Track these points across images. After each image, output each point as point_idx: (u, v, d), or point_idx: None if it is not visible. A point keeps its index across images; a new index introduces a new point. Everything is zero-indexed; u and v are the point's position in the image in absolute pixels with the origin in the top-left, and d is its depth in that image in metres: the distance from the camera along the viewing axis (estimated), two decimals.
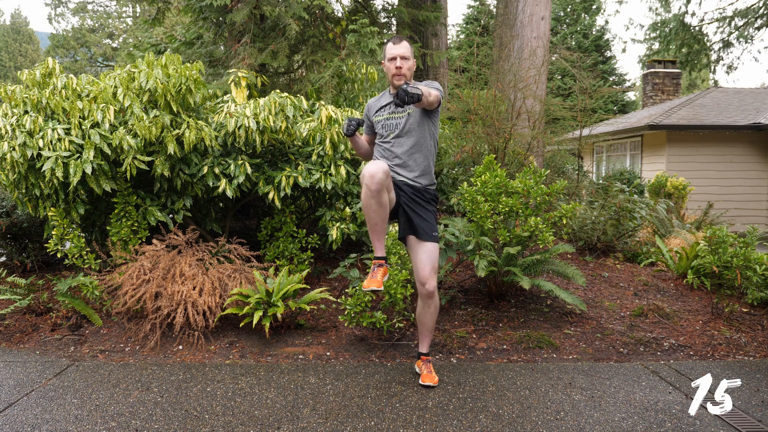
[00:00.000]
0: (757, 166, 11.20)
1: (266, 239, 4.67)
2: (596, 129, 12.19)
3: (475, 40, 6.98)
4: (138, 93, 4.04)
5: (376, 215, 2.76)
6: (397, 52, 2.94)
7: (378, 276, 2.84)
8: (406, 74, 2.97)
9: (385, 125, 3.02)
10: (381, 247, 2.91)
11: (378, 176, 2.64)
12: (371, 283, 2.81)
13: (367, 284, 2.82)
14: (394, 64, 2.94)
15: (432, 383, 3.05)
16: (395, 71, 2.95)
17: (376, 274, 2.85)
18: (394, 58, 2.95)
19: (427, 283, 2.93)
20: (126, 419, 2.66)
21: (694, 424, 2.65)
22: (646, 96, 15.46)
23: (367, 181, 2.66)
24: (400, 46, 2.95)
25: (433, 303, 3.01)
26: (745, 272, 4.10)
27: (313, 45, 6.43)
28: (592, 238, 5.67)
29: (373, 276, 2.85)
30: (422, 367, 3.15)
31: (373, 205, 2.72)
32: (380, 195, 2.69)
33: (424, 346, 3.18)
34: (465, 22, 24.55)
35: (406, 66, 2.95)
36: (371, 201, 2.71)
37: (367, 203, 2.73)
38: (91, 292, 3.95)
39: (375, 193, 2.67)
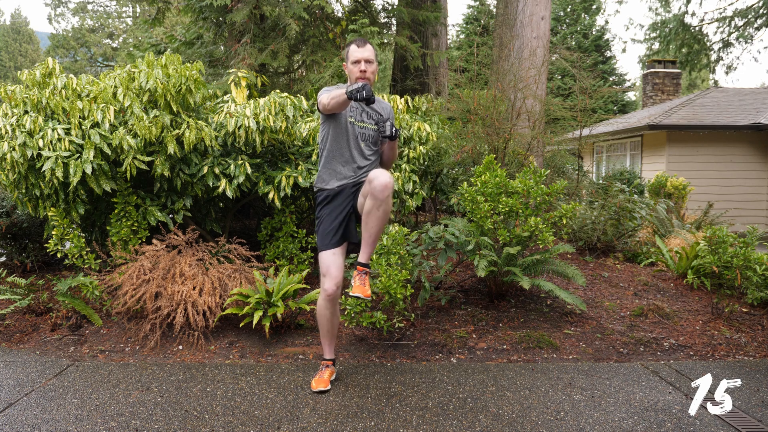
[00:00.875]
0: (757, 166, 11.20)
1: (266, 239, 4.67)
2: (596, 129, 12.19)
3: (475, 40, 6.98)
4: (138, 93, 4.04)
5: (329, 324, 3.03)
6: (362, 56, 2.92)
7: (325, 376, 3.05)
8: (370, 78, 2.97)
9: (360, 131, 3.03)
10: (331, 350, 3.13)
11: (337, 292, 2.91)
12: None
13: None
14: (359, 68, 2.93)
15: (364, 296, 2.78)
16: (359, 75, 2.93)
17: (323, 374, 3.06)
18: (358, 61, 2.93)
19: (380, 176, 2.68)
20: (126, 419, 2.67)
21: (694, 424, 2.65)
22: (646, 96, 15.46)
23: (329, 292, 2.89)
24: (365, 50, 2.93)
25: (384, 205, 2.72)
26: (745, 272, 4.10)
27: (313, 45, 6.43)
28: (592, 238, 5.67)
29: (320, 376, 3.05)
30: (356, 277, 2.84)
31: (327, 315, 2.99)
32: (335, 306, 2.96)
33: (365, 255, 2.86)
34: (465, 22, 24.56)
35: (370, 69, 2.95)
36: (326, 312, 2.97)
37: (322, 313, 3.00)
38: (91, 292, 3.95)
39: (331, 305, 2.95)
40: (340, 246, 2.97)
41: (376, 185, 2.69)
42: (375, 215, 2.76)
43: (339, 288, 2.92)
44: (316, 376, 3.05)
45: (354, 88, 2.61)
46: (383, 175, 2.70)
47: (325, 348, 3.11)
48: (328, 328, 3.03)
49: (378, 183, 2.68)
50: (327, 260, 2.93)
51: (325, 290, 2.89)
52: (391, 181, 2.70)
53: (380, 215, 2.75)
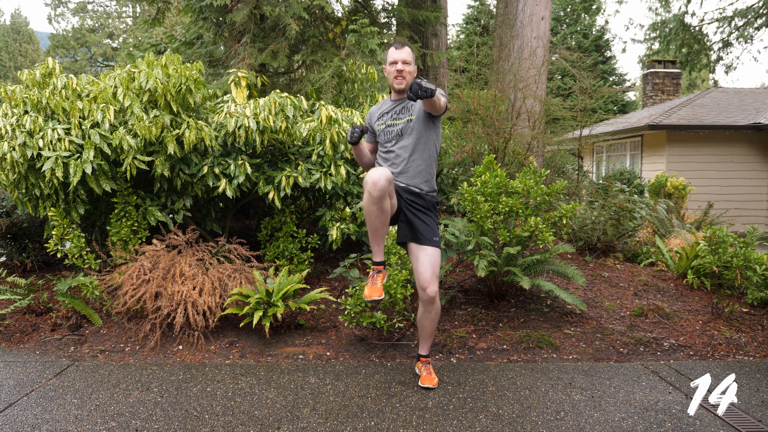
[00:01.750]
0: (757, 166, 11.20)
1: (266, 239, 4.67)
2: (596, 129, 12.19)
3: (475, 40, 6.98)
4: (138, 93, 4.04)
5: (377, 221, 2.79)
6: (399, 57, 2.98)
7: (378, 283, 2.89)
8: (407, 78, 3.00)
9: (387, 131, 3.04)
10: (380, 251, 2.94)
11: (380, 183, 2.66)
12: (373, 292, 2.86)
13: (369, 293, 2.86)
14: (396, 68, 2.98)
15: (431, 385, 3.06)
16: (396, 74, 2.98)
17: (376, 281, 2.89)
18: (395, 62, 2.98)
19: (428, 288, 2.92)
20: (126, 419, 2.66)
21: (694, 424, 2.65)
22: (646, 96, 15.46)
23: (370, 188, 2.68)
24: (403, 51, 2.99)
25: (434, 308, 2.99)
26: (745, 272, 4.10)
27: (313, 45, 6.43)
28: (592, 238, 5.67)
29: (373, 284, 2.88)
30: (422, 368, 3.16)
31: (374, 211, 2.75)
32: (382, 201, 2.72)
33: (425, 348, 3.18)
34: (465, 22, 24.55)
35: (407, 70, 2.99)
36: (373, 207, 2.73)
37: (369, 209, 2.75)
38: (91, 292, 3.95)
39: (377, 199, 2.70)
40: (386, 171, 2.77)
41: (426, 296, 2.93)
42: (428, 318, 3.05)
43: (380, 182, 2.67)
44: (369, 283, 2.91)
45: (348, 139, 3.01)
46: (433, 286, 2.92)
47: (374, 248, 2.93)
48: (377, 226, 2.82)
49: (427, 295, 2.92)
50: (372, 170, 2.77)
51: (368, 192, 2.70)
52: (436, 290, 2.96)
53: (433, 317, 3.05)
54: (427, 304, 2.97)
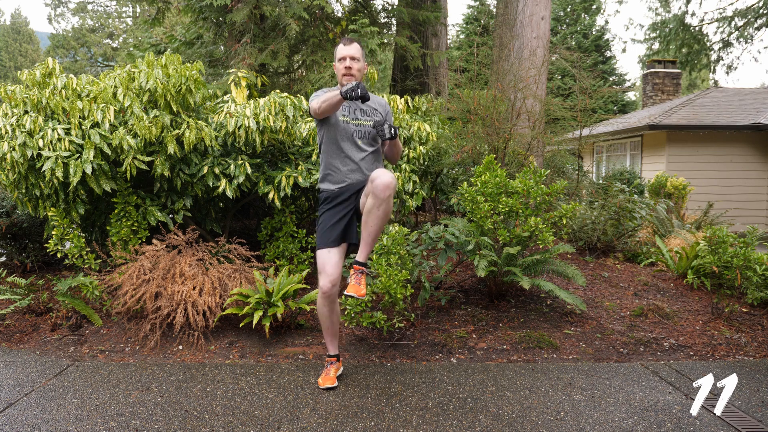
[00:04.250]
0: (757, 166, 11.20)
1: (266, 239, 4.67)
2: (596, 129, 12.19)
3: (475, 40, 6.98)
4: (138, 93, 4.04)
5: (328, 321, 3.06)
6: (347, 53, 2.98)
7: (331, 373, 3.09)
8: (356, 75, 3.00)
9: (351, 127, 3.02)
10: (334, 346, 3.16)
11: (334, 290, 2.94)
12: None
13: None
14: (344, 64, 2.98)
15: (356, 294, 2.81)
16: (345, 71, 2.99)
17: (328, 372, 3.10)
18: (344, 58, 2.98)
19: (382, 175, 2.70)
20: (126, 419, 2.66)
21: (694, 424, 2.65)
22: (646, 96, 15.46)
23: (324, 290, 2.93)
24: (351, 47, 2.99)
25: (385, 205, 2.74)
26: (745, 272, 4.10)
27: (313, 45, 6.43)
28: (592, 238, 5.67)
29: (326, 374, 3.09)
30: (352, 276, 2.87)
31: (326, 312, 3.03)
32: (333, 304, 3.00)
33: (363, 254, 2.88)
34: (465, 22, 24.55)
35: (356, 67, 2.99)
36: (324, 309, 3.02)
37: (321, 311, 3.04)
38: (91, 292, 3.95)
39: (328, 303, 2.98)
40: (338, 245, 2.98)
41: (378, 184, 2.71)
42: (375, 214, 2.77)
43: (336, 286, 2.94)
44: (323, 374, 3.09)
45: (348, 88, 2.64)
46: (385, 175, 2.72)
47: (329, 344, 3.15)
48: (328, 325, 3.08)
49: (380, 182, 2.70)
50: (323, 258, 2.96)
51: (321, 287, 2.93)
52: (393, 181, 2.72)
53: (380, 215, 2.77)
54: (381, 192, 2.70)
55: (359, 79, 3.02)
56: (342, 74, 2.99)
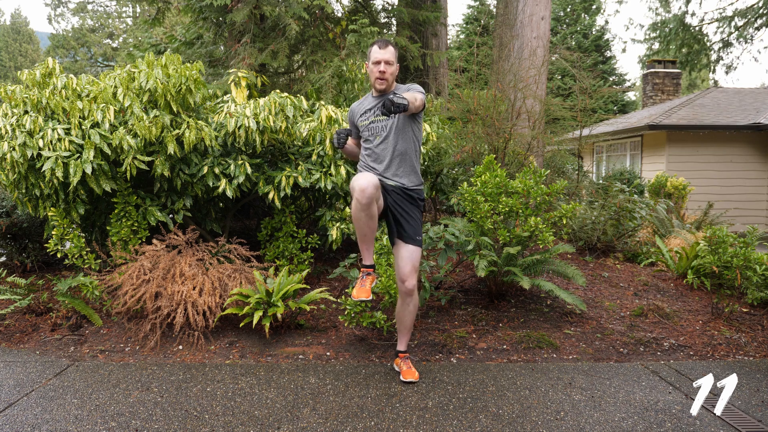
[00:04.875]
0: (757, 166, 11.20)
1: (266, 239, 4.67)
2: (596, 129, 12.19)
3: (475, 40, 6.98)
4: (138, 93, 4.04)
5: (366, 226, 2.88)
6: (382, 57, 2.97)
7: (367, 285, 2.98)
8: (389, 79, 3.01)
9: (371, 129, 3.06)
10: (370, 256, 3.03)
11: (368, 191, 2.74)
12: (360, 293, 2.95)
13: (357, 294, 2.95)
14: (378, 68, 2.98)
15: (414, 379, 3.10)
16: (378, 75, 2.99)
17: (365, 283, 2.99)
18: (378, 62, 2.98)
19: (406, 281, 3.02)
20: (126, 419, 2.66)
21: (694, 424, 2.65)
22: (646, 96, 15.46)
23: (358, 195, 2.75)
24: (386, 51, 2.98)
25: (413, 301, 3.09)
26: (745, 272, 4.10)
27: (313, 45, 6.43)
28: (592, 238, 5.67)
29: (362, 285, 2.98)
30: (401, 364, 3.20)
31: (363, 217, 2.84)
32: (370, 208, 2.80)
33: (402, 344, 3.24)
34: (465, 22, 24.55)
35: (389, 71, 2.99)
36: (361, 214, 2.82)
37: (358, 216, 2.85)
38: (91, 292, 3.95)
39: (365, 206, 2.78)
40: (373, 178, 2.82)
41: (403, 289, 3.04)
42: (407, 310, 3.13)
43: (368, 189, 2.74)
44: (357, 284, 2.99)
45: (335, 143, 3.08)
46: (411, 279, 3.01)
47: (364, 252, 3.02)
48: (365, 232, 2.91)
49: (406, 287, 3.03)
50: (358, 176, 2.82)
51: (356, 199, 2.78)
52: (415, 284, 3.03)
53: (411, 310, 3.13)
54: (406, 296, 3.07)
55: (391, 82, 3.04)
56: (375, 77, 3.00)
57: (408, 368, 3.16)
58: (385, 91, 3.07)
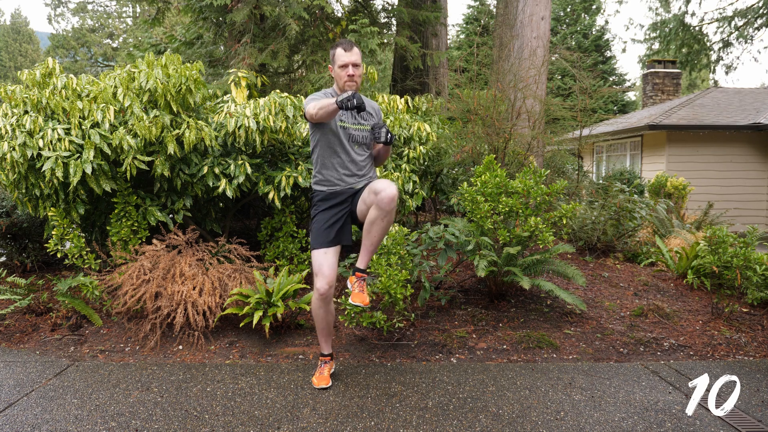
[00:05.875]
0: (757, 166, 11.20)
1: (266, 239, 4.67)
2: (596, 129, 12.19)
3: (475, 40, 6.98)
4: (138, 93, 4.04)
5: (324, 321, 3.05)
6: (350, 60, 2.92)
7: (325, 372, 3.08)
8: (357, 81, 2.98)
9: (352, 135, 3.02)
10: (328, 345, 3.16)
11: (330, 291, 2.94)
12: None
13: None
14: (347, 72, 2.94)
15: (361, 303, 2.85)
16: (347, 79, 2.95)
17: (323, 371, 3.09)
18: (345, 66, 2.93)
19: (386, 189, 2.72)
20: (126, 419, 2.67)
21: (694, 424, 2.65)
22: (646, 96, 15.46)
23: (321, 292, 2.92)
24: (352, 53, 2.93)
25: (388, 217, 2.80)
26: (745, 272, 4.10)
27: (313, 45, 6.43)
28: (592, 238, 5.67)
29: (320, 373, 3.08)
30: (355, 284, 2.93)
31: (321, 313, 3.01)
32: (328, 305, 3.00)
33: (363, 261, 2.95)
34: (465, 22, 24.55)
35: (357, 73, 2.96)
36: (320, 311, 3.00)
37: (317, 312, 3.02)
38: (91, 292, 3.95)
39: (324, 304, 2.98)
40: (334, 246, 3.00)
41: (383, 197, 2.73)
42: (379, 225, 2.83)
43: (331, 287, 2.94)
44: (316, 374, 3.08)
45: (345, 97, 2.66)
46: (390, 188, 2.73)
47: (322, 344, 3.14)
48: (323, 326, 3.07)
49: (385, 195, 2.73)
50: (319, 259, 2.97)
51: (317, 289, 2.92)
52: (396, 194, 2.78)
53: (384, 226, 2.84)
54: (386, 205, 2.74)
55: (359, 85, 3.03)
56: (344, 81, 2.95)
57: (360, 291, 2.88)
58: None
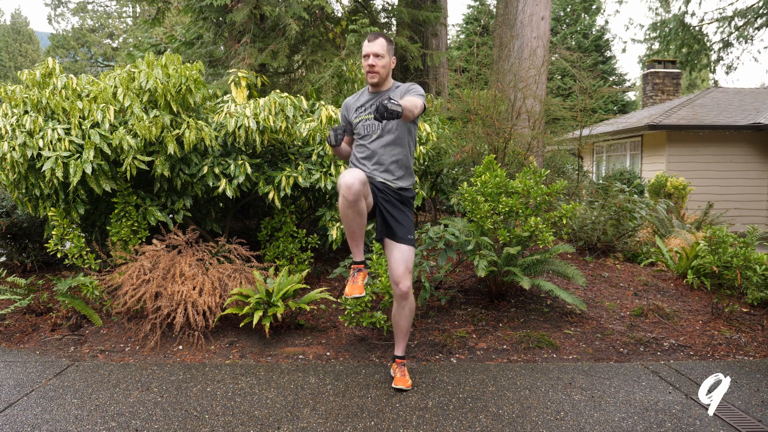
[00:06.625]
0: (757, 166, 11.20)
1: (266, 239, 4.67)
2: (596, 129, 12.19)
3: (475, 40, 6.98)
4: (138, 93, 4.04)
5: (354, 223, 2.78)
6: (371, 50, 2.90)
7: (359, 281, 2.91)
8: (380, 72, 2.93)
9: (365, 126, 2.97)
10: (360, 252, 2.94)
11: (355, 187, 2.63)
12: (353, 290, 2.88)
13: (350, 291, 2.88)
14: (367, 62, 2.91)
15: (405, 387, 3.00)
16: (368, 68, 2.93)
17: (357, 280, 2.91)
18: (367, 56, 2.91)
19: (400, 283, 2.92)
20: (126, 419, 2.66)
21: (694, 424, 2.65)
22: (646, 96, 15.46)
23: (344, 192, 2.65)
24: (375, 44, 2.90)
25: (408, 304, 2.99)
26: (745, 272, 4.10)
27: (313, 45, 6.43)
28: (592, 238, 5.67)
29: (354, 282, 2.91)
30: (396, 370, 3.11)
31: (350, 214, 2.73)
32: (358, 204, 2.70)
33: (399, 349, 3.13)
34: (465, 22, 24.55)
35: (379, 64, 2.91)
36: (348, 211, 2.72)
37: (345, 213, 2.74)
38: (91, 292, 3.95)
39: (352, 203, 2.68)
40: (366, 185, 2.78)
41: (398, 291, 2.95)
42: (402, 314, 3.03)
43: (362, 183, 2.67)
44: (349, 282, 2.92)
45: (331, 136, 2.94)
46: (405, 281, 2.92)
47: (354, 250, 2.94)
48: (353, 228, 2.82)
49: (400, 290, 2.93)
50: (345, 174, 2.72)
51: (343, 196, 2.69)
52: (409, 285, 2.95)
53: (407, 314, 3.03)
54: (401, 299, 2.97)
55: (384, 76, 2.95)
56: (366, 71, 2.94)
57: (402, 375, 3.07)
58: (379, 86, 2.98)
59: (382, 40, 2.92)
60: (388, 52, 2.95)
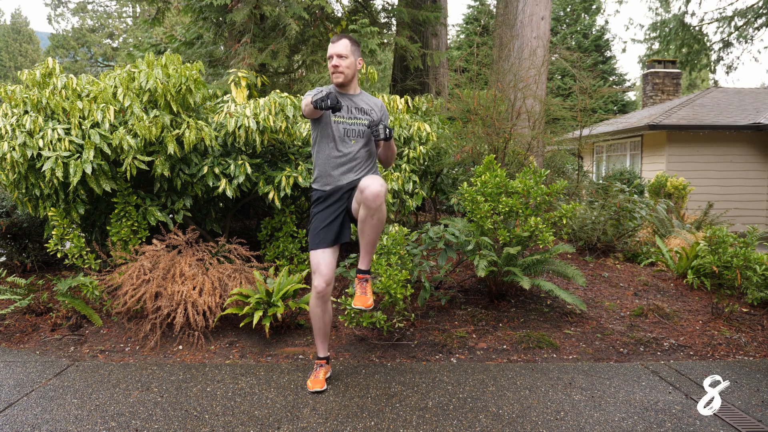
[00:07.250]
0: (757, 166, 11.20)
1: (266, 239, 4.67)
2: (596, 129, 12.19)
3: (475, 40, 6.98)
4: (138, 93, 4.04)
5: (321, 321, 3.05)
6: (334, 51, 2.94)
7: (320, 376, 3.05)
8: (345, 72, 2.96)
9: (347, 131, 2.98)
10: (324, 348, 3.12)
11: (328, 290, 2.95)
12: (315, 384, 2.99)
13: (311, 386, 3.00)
14: (331, 63, 2.96)
15: (364, 306, 2.85)
16: (332, 69, 2.97)
17: (318, 375, 3.05)
18: (330, 57, 2.96)
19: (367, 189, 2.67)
20: (126, 419, 2.66)
21: (694, 424, 2.65)
22: (646, 96, 15.47)
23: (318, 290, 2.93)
24: (338, 44, 2.94)
25: (378, 214, 2.73)
26: (745, 272, 4.10)
27: (313, 45, 6.43)
28: (592, 238, 5.67)
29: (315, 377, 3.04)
30: (357, 286, 2.93)
31: (318, 312, 3.01)
32: (326, 304, 2.99)
33: (363, 262, 2.93)
34: (465, 22, 24.56)
35: (343, 64, 2.94)
36: (318, 309, 3.00)
37: (314, 311, 3.02)
38: (91, 292, 3.95)
39: (322, 302, 2.98)
40: (332, 246, 2.98)
41: (368, 195, 2.68)
42: (369, 223, 2.78)
43: (330, 286, 2.95)
44: (311, 377, 3.06)
45: (318, 98, 2.65)
46: (374, 184, 2.68)
47: (318, 346, 3.10)
48: (320, 326, 3.04)
49: (369, 192, 2.67)
50: (317, 258, 2.97)
51: (315, 287, 2.93)
52: (382, 189, 2.69)
53: (375, 223, 2.78)
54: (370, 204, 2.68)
55: (349, 76, 2.99)
56: (331, 72, 2.98)
57: (362, 293, 2.88)
58: (346, 86, 3.01)
59: (345, 41, 2.96)
60: (353, 52, 2.98)
